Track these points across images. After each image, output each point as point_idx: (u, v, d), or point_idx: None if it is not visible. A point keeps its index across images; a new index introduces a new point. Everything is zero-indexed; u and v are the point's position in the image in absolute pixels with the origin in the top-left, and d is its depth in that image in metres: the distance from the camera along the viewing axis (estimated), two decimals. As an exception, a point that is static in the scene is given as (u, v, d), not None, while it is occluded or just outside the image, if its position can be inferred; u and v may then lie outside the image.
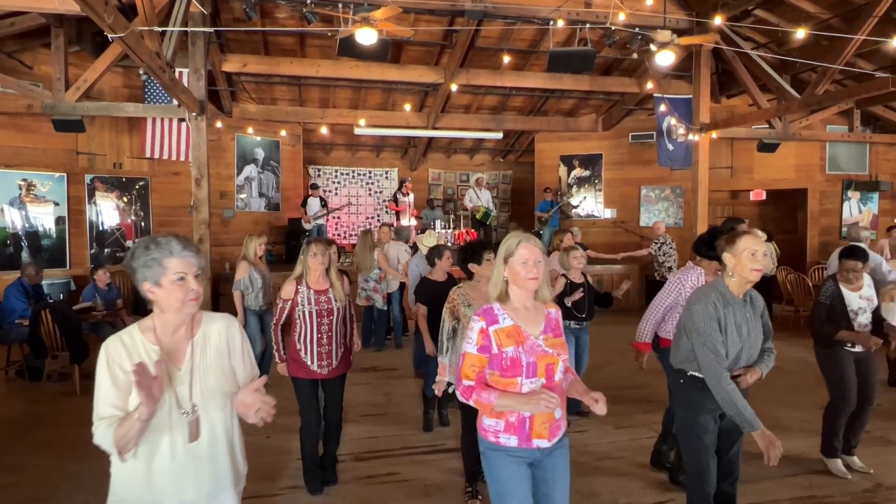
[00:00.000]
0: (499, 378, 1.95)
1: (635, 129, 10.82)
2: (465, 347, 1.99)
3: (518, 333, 1.96)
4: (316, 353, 3.26)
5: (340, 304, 3.33)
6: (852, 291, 3.54)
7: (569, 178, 11.52)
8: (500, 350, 1.94)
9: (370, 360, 6.43)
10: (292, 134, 10.76)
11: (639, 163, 10.80)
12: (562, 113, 11.15)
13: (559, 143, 11.51)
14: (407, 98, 10.00)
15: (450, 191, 13.30)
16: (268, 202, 10.38)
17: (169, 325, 1.67)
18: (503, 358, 1.94)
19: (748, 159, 10.05)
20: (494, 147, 13.06)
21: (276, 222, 10.44)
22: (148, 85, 7.58)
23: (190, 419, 1.62)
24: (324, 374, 3.29)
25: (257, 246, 5.11)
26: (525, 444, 1.96)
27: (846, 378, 3.53)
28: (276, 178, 10.49)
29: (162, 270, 1.60)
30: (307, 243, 3.32)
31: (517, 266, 1.97)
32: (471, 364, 1.97)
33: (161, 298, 1.62)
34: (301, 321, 3.26)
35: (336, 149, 12.42)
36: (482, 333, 1.96)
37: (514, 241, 1.99)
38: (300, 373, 3.26)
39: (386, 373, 5.97)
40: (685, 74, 8.72)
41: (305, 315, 3.24)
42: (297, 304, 3.24)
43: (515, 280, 1.98)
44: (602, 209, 11.24)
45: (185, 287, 1.62)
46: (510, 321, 1.98)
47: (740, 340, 2.40)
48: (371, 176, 12.68)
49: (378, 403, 5.00)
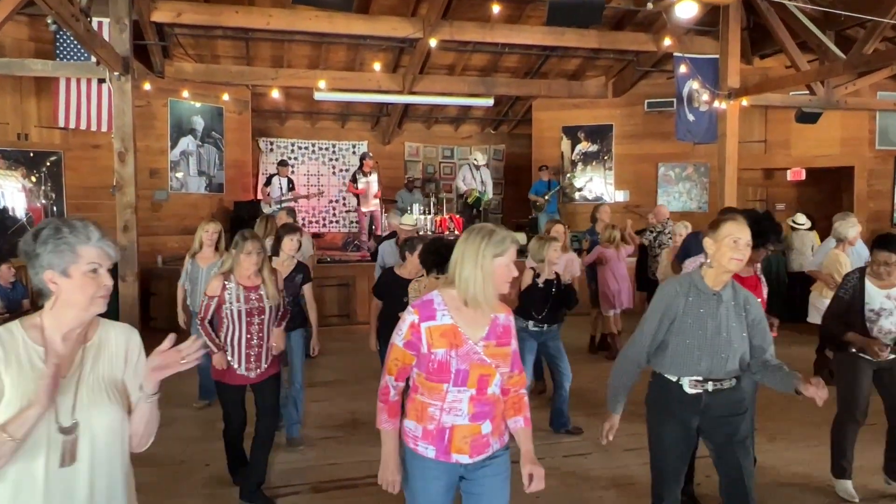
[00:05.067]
0: (424, 381, 2.09)
1: (652, 94, 10.87)
2: (393, 338, 2.12)
3: (454, 335, 2.06)
4: (244, 355, 3.50)
5: (273, 303, 3.57)
6: (880, 288, 3.58)
7: (572, 153, 11.56)
8: (430, 350, 2.05)
9: (332, 371, 6.44)
10: (238, 99, 10.68)
11: (656, 135, 10.86)
12: (564, 75, 11.15)
13: (561, 111, 11.52)
14: (378, 56, 9.94)
15: (430, 168, 13.30)
16: (209, 182, 10.33)
17: (64, 325, 1.66)
18: (431, 360, 2.05)
19: (784, 132, 10.17)
20: (484, 116, 13.03)
21: (220, 206, 10.39)
22: (59, 38, 7.42)
23: (66, 438, 1.59)
24: (252, 377, 3.54)
25: (203, 234, 5.14)
26: (443, 456, 2.08)
27: (855, 389, 3.62)
28: (219, 153, 10.43)
29: (73, 258, 1.61)
30: (242, 238, 3.48)
31: (503, 266, 2.06)
32: (395, 358, 2.11)
33: (66, 292, 1.62)
34: (228, 320, 3.48)
35: (292, 117, 12.33)
36: (412, 329, 2.07)
37: (510, 241, 2.09)
38: (226, 377, 3.51)
39: (349, 386, 6.00)
40: (711, 30, 8.76)
41: (234, 314, 3.46)
42: (224, 301, 3.48)
43: (494, 279, 2.05)
44: (612, 191, 11.31)
45: (97, 281, 1.63)
46: (449, 319, 2.07)
47: (703, 336, 2.52)
48: (335, 151, 12.64)
49: (341, 423, 5.02)
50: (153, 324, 8.05)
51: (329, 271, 8.69)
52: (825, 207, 10.36)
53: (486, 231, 2.08)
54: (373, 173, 10.40)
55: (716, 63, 8.53)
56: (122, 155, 6.46)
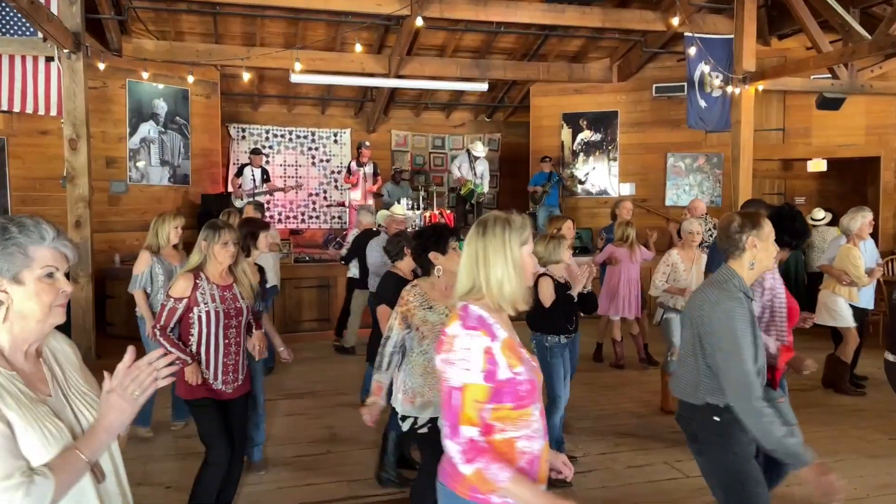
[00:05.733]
0: (511, 412, 1.91)
1: (660, 79, 10.88)
2: (462, 377, 1.88)
3: (515, 347, 1.96)
4: (221, 365, 3.34)
5: (248, 303, 3.47)
6: None
7: (573, 143, 11.56)
8: (513, 371, 1.90)
9: (308, 381, 6.43)
10: (206, 81, 10.61)
11: (664, 123, 10.88)
12: (565, 58, 11.15)
13: (561, 97, 11.51)
14: (360, 35, 9.88)
15: (419, 159, 13.27)
16: (173, 172, 10.25)
17: (21, 341, 1.61)
18: (518, 382, 1.91)
19: (805, 119, 10.21)
20: (478, 102, 13.01)
21: (186, 199, 10.32)
22: (1, 11, 7.32)
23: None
24: (229, 392, 3.37)
25: (172, 229, 4.99)
26: None
27: None
28: (184, 141, 10.35)
29: (26, 262, 1.55)
30: (214, 228, 3.34)
31: (528, 256, 2.01)
32: (475, 400, 1.87)
33: (19, 301, 1.56)
34: (202, 325, 3.31)
35: (266, 102, 12.29)
36: (488, 355, 1.89)
37: (528, 224, 2.04)
38: (199, 392, 3.29)
39: (329, 398, 5.96)
40: (725, 7, 8.79)
41: (211, 316, 3.31)
42: (195, 302, 3.30)
43: (525, 273, 2.00)
44: (616, 184, 11.32)
45: (54, 287, 1.58)
46: (504, 332, 1.95)
47: (758, 346, 2.55)
48: (315, 139, 12.59)
49: (318, 440, 4.98)
50: (111, 330, 7.97)
51: (307, 271, 8.60)
52: (848, 201, 10.34)
53: (502, 220, 2.01)
54: (368, 164, 10.46)
55: (730, 44, 8.54)
56: (74, 142, 6.37)
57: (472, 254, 2.00)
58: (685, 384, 2.64)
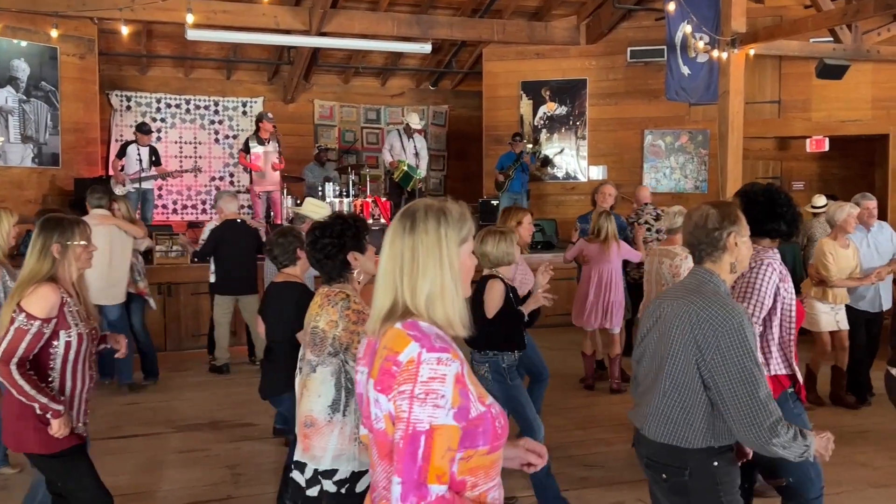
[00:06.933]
0: (485, 456, 1.79)
1: (636, 41, 11.00)
2: (432, 416, 1.71)
3: (472, 374, 1.87)
4: (84, 401, 3.25)
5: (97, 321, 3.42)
6: None
7: (535, 118, 11.60)
8: (485, 404, 1.80)
9: (207, 411, 6.34)
10: (79, 37, 10.40)
11: (640, 94, 11.00)
12: (524, 14, 11.18)
13: (520, 62, 11.55)
14: (274, -19, 9.70)
15: (349, 135, 13.22)
16: (38, 151, 10.07)
17: None
18: (494, 418, 1.80)
19: (803, 90, 10.44)
20: (420, 67, 13.00)
21: (54, 185, 10.08)
22: None
23: None
24: (84, 435, 3.29)
25: (10, 228, 4.89)
26: None
27: None
28: (52, 112, 10.21)
29: None
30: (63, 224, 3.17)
31: (468, 256, 1.89)
32: (446, 447, 1.71)
33: None
34: (68, 353, 3.16)
35: (157, 64, 12.14)
36: (459, 384, 1.74)
37: (468, 215, 1.89)
38: (67, 440, 3.11)
39: (232, 431, 5.88)
40: (710, -44, 8.88)
41: (82, 340, 3.19)
42: (65, 324, 3.13)
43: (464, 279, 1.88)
44: (585, 166, 11.40)
45: None
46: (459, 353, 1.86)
47: None
48: (219, 110, 12.49)
49: (217, 483, 4.89)
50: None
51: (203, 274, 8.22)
52: (853, 185, 10.63)
53: (435, 210, 1.83)
54: (272, 141, 10.19)
55: (717, 0, 8.62)
56: None
57: (395, 256, 1.82)
58: (666, 422, 2.51)
